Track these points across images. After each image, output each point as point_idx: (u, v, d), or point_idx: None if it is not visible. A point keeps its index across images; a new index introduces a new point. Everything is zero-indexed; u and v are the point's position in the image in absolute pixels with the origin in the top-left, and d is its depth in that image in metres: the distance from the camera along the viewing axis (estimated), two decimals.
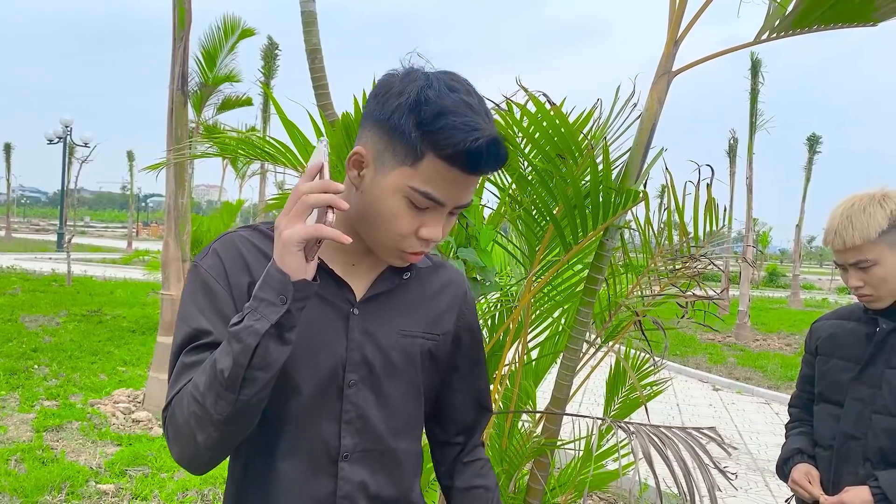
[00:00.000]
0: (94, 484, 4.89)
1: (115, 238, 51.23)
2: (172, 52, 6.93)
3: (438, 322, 1.36)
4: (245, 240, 1.27)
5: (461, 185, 1.16)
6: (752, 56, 15.27)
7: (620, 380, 2.74)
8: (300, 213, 1.07)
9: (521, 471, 2.68)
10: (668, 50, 2.40)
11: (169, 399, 1.18)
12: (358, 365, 1.26)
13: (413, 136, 1.12)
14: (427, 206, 1.16)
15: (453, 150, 1.10)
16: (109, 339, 10.33)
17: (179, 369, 1.18)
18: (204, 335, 1.19)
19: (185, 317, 1.22)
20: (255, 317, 1.07)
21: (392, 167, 1.15)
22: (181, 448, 1.17)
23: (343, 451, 1.26)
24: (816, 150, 23.85)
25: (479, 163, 1.13)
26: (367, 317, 1.28)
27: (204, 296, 1.22)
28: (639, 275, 2.61)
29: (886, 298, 1.97)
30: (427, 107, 1.11)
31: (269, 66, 17.20)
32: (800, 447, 2.15)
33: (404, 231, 1.17)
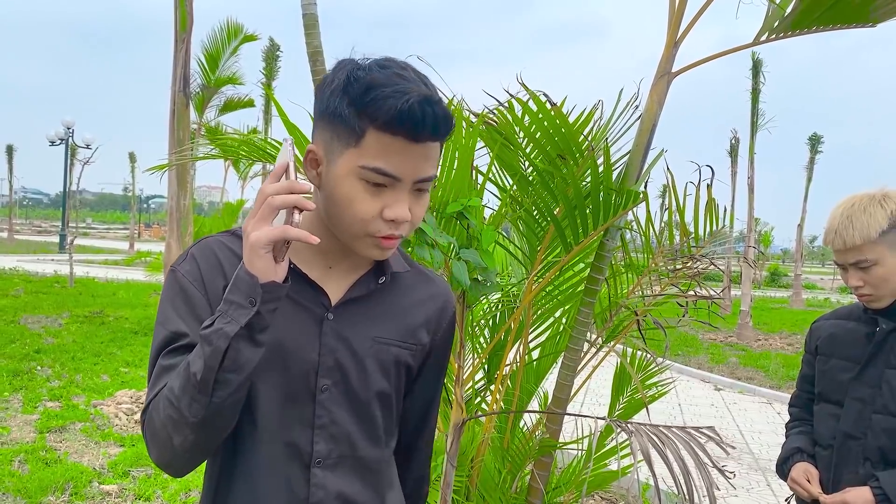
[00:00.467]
0: (98, 485, 4.90)
1: (117, 239, 51.29)
2: (174, 54, 6.95)
3: (414, 333, 1.34)
4: (222, 244, 1.27)
5: (411, 155, 1.13)
6: (753, 56, 15.27)
7: (626, 380, 2.75)
8: (266, 216, 1.07)
9: (523, 470, 2.69)
10: (668, 52, 2.41)
11: (147, 402, 1.18)
12: (331, 370, 1.25)
13: (349, 116, 1.12)
14: (383, 182, 1.13)
15: (387, 117, 1.09)
16: (112, 340, 10.34)
17: (157, 372, 1.18)
18: (181, 338, 1.19)
19: (163, 321, 1.22)
20: (226, 320, 1.07)
21: (340, 153, 1.15)
22: (159, 451, 1.17)
23: (316, 457, 1.25)
24: (818, 149, 23.85)
25: (418, 124, 1.10)
26: (341, 322, 1.26)
27: (181, 300, 1.22)
28: (639, 275, 2.62)
29: (886, 298, 1.97)
30: (357, 83, 1.11)
31: (270, 67, 17.21)
32: (799, 446, 2.15)
33: (366, 214, 1.15)
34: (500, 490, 2.61)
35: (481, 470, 2.68)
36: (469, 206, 2.19)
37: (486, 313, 3.02)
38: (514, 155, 2.37)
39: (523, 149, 2.28)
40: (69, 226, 35.57)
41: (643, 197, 2.35)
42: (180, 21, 7.23)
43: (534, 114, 2.15)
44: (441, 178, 2.24)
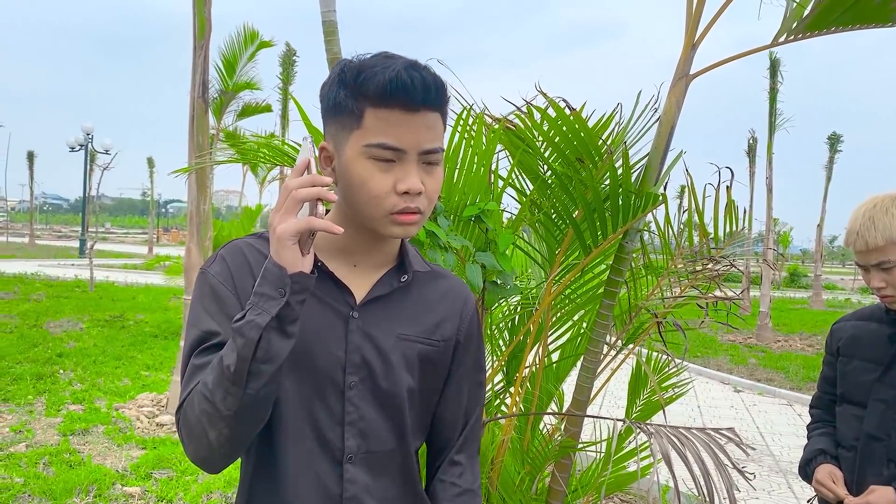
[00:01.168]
0: (120, 486, 4.96)
1: (135, 244, 51.73)
2: (193, 60, 7.01)
3: (438, 329, 1.36)
4: (250, 246, 1.30)
5: (410, 126, 1.18)
6: (770, 55, 15.16)
7: (642, 382, 2.75)
8: (291, 208, 1.10)
9: (542, 472, 2.70)
10: (686, 54, 2.42)
11: (181, 400, 1.21)
12: (358, 367, 1.28)
13: (347, 101, 1.19)
14: (390, 157, 1.18)
15: (378, 90, 1.15)
16: (132, 343, 10.45)
17: (190, 371, 1.21)
18: (213, 336, 1.22)
19: (195, 321, 1.25)
20: (256, 311, 1.11)
21: (346, 140, 1.21)
22: (195, 447, 1.19)
23: (347, 452, 1.28)
24: (837, 148, 23.60)
25: (408, 90, 1.16)
26: (366, 320, 1.30)
27: (212, 300, 1.25)
28: (659, 277, 2.63)
29: None
30: (349, 71, 1.19)
31: (287, 72, 17.32)
32: (822, 448, 2.14)
33: (379, 191, 1.19)
34: (520, 491, 2.62)
35: (501, 471, 2.69)
36: (486, 209, 2.21)
37: (505, 316, 3.03)
38: (532, 159, 2.38)
39: (541, 153, 2.29)
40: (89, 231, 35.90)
41: (662, 199, 2.35)
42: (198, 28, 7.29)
43: (552, 119, 2.16)
44: (458, 181, 2.26)
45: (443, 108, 1.24)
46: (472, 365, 1.45)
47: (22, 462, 5.30)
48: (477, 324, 1.45)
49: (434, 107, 1.21)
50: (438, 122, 1.23)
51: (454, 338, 1.39)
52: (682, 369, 2.71)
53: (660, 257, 2.78)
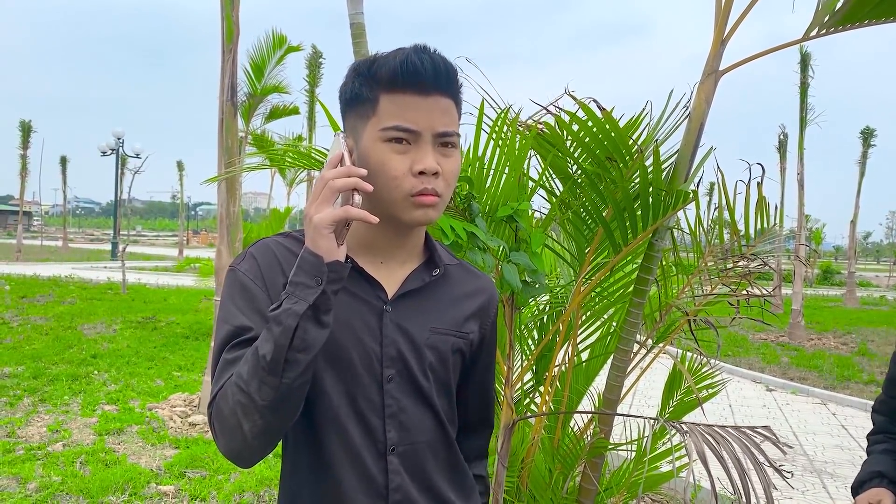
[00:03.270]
0: (155, 485, 5.04)
1: (166, 246, 52.40)
2: (221, 64, 7.08)
3: (466, 323, 1.40)
4: (279, 244, 1.33)
5: (423, 108, 1.22)
6: (801, 50, 14.94)
7: (677, 382, 2.73)
8: (328, 198, 1.13)
9: (573, 471, 2.69)
10: (715, 50, 2.40)
11: (213, 395, 1.22)
12: (394, 360, 1.30)
13: (362, 90, 1.24)
14: (405, 138, 1.22)
15: (390, 74, 1.20)
16: (164, 344, 10.59)
17: (222, 366, 1.23)
18: (244, 332, 1.24)
19: (226, 317, 1.27)
20: (293, 300, 1.12)
21: (363, 129, 1.24)
22: (228, 440, 1.20)
23: (390, 444, 1.30)
24: (871, 143, 23.17)
25: (418, 72, 1.20)
26: (399, 314, 1.32)
27: (242, 297, 1.27)
28: (689, 275, 2.61)
29: None
30: (364, 64, 1.25)
31: (313, 74, 17.43)
32: (881, 470, 1.90)
33: (397, 171, 1.22)
34: (552, 490, 2.62)
35: (531, 470, 2.69)
36: (519, 209, 2.21)
37: (535, 315, 3.03)
38: (562, 159, 2.37)
39: (571, 153, 2.29)
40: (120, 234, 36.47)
41: (692, 196, 2.33)
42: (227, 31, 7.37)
43: (582, 121, 2.16)
44: (492, 184, 2.27)
45: (455, 94, 1.27)
46: (490, 360, 1.52)
47: (59, 461, 5.40)
48: (496, 322, 1.50)
49: (446, 91, 1.24)
50: (452, 108, 1.27)
51: (479, 333, 1.43)
52: (719, 371, 2.68)
53: (690, 255, 2.76)
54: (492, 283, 1.50)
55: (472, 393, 1.49)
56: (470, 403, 1.49)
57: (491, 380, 1.54)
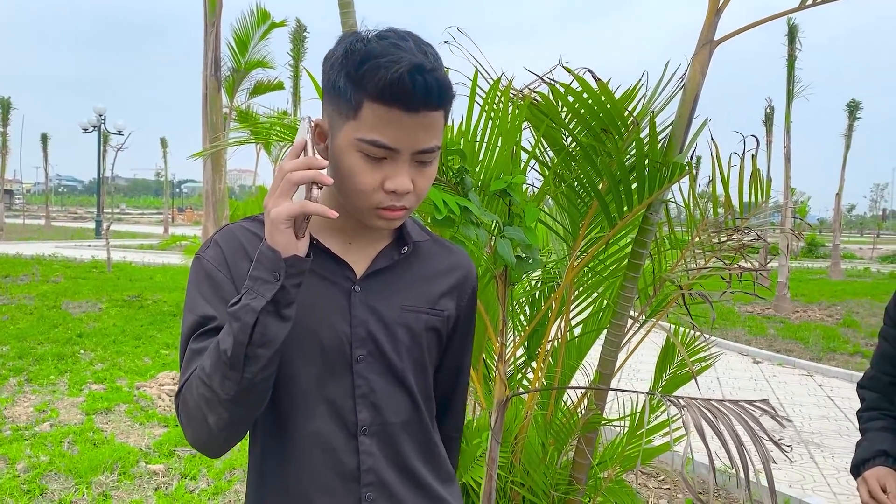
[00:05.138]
0: (145, 464, 5.02)
1: (150, 224, 52.05)
2: (204, 38, 6.98)
3: (441, 300, 1.36)
4: (244, 230, 1.29)
5: (408, 126, 1.14)
6: (788, 22, 14.90)
7: (670, 356, 2.72)
8: (286, 191, 1.09)
9: (566, 446, 2.69)
10: (710, 20, 2.36)
11: (180, 385, 1.20)
12: (364, 340, 1.28)
13: (346, 88, 1.14)
14: (382, 155, 1.15)
15: (378, 88, 1.10)
16: (151, 323, 10.53)
17: (188, 357, 1.21)
18: (209, 321, 1.21)
19: (191, 306, 1.24)
20: (252, 295, 1.10)
21: (340, 126, 1.17)
22: (194, 431, 1.19)
23: (361, 425, 1.28)
24: (856, 116, 23.24)
25: (409, 94, 1.11)
26: (369, 293, 1.29)
27: (207, 285, 1.24)
28: (683, 249, 2.59)
29: None
30: (353, 56, 1.13)
31: (297, 49, 17.24)
32: (885, 449, 1.84)
33: (367, 187, 1.16)
34: (545, 465, 2.62)
35: (525, 446, 2.68)
36: (513, 183, 2.18)
37: (527, 291, 3.01)
38: (557, 131, 2.34)
39: (566, 124, 2.25)
40: (104, 212, 36.15)
41: (688, 169, 2.31)
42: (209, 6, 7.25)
43: (577, 92, 2.12)
44: (485, 157, 2.23)
45: (445, 106, 1.19)
46: (467, 334, 1.48)
47: (47, 441, 5.37)
48: (475, 298, 1.46)
49: (436, 107, 1.16)
50: (439, 121, 1.18)
51: (455, 311, 1.40)
52: (711, 344, 2.68)
53: (683, 229, 2.74)
54: (468, 257, 1.46)
55: (441, 378, 1.45)
56: (442, 384, 1.46)
57: (467, 364, 1.51)
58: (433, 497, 1.36)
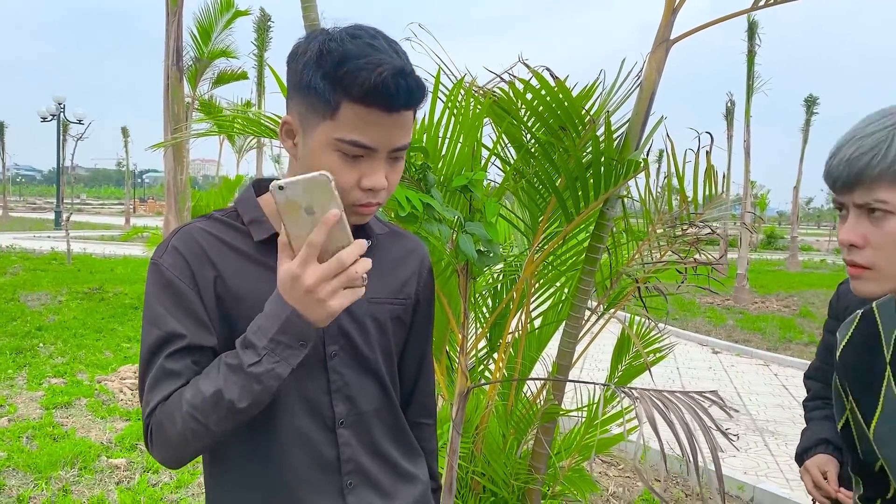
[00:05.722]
0: (106, 458, 4.97)
1: (112, 215, 51.13)
2: (166, 28, 6.89)
3: (403, 288, 1.41)
4: (203, 232, 1.27)
5: (386, 126, 1.16)
6: (748, 18, 15.13)
7: (626, 347, 2.79)
8: (347, 283, 1.10)
9: (526, 436, 2.74)
10: (666, 19, 2.41)
11: (152, 405, 1.20)
12: (336, 336, 1.31)
13: (324, 88, 1.14)
14: (359, 154, 1.17)
15: (362, 90, 1.12)
16: (113, 315, 10.39)
17: (158, 376, 1.20)
18: (177, 339, 1.21)
19: (153, 319, 1.23)
20: (275, 359, 1.12)
21: (315, 125, 1.17)
22: (168, 454, 1.21)
23: (338, 418, 1.31)
24: (814, 111, 23.73)
25: (392, 97, 1.13)
26: None
27: (170, 296, 1.23)
28: (639, 242, 2.65)
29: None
30: (330, 56, 1.13)
31: (262, 38, 17.06)
32: (826, 437, 1.89)
33: (344, 185, 1.18)
34: (506, 455, 2.67)
35: (486, 436, 2.73)
36: (474, 179, 2.21)
37: (490, 284, 3.05)
38: (516, 128, 2.38)
39: (525, 122, 2.29)
40: (64, 202, 35.44)
41: (644, 165, 2.36)
42: None
43: (535, 89, 2.16)
44: (447, 153, 2.26)
45: (419, 104, 1.21)
46: (428, 319, 1.51)
47: (5, 437, 5.29)
48: (433, 279, 1.50)
49: (412, 107, 1.19)
50: (411, 118, 1.21)
51: (415, 296, 1.44)
52: (665, 335, 2.75)
53: (641, 223, 2.80)
54: (418, 240, 1.50)
55: (407, 362, 1.49)
56: (408, 369, 1.50)
57: (429, 350, 1.55)
58: (402, 474, 1.41)
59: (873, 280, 1.16)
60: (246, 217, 1.29)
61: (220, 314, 1.24)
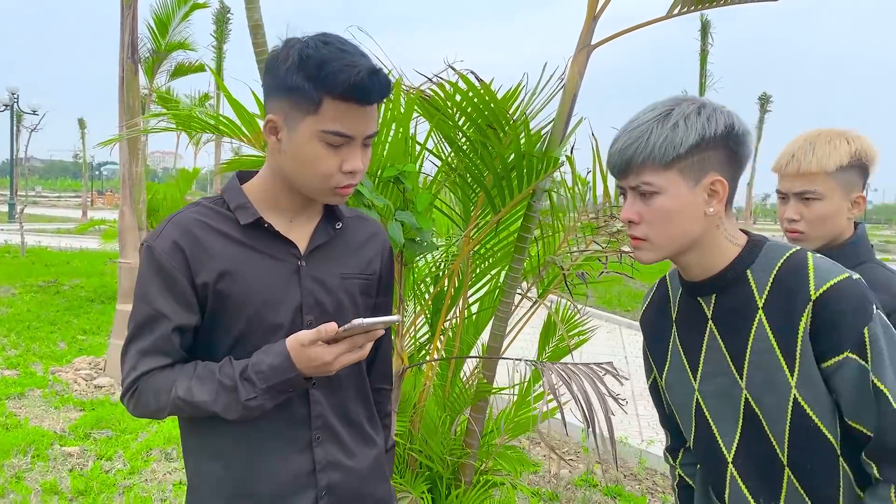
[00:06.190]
0: (59, 447, 5.03)
1: (68, 208, 50.13)
2: (121, 20, 6.90)
3: (369, 265, 1.61)
4: (197, 222, 1.47)
5: (361, 117, 1.39)
6: (702, 18, 15.56)
7: (552, 330, 2.98)
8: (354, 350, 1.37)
9: (461, 415, 2.92)
10: (587, 26, 2.60)
11: (137, 374, 1.44)
12: (312, 307, 1.50)
13: (308, 88, 1.35)
14: (340, 142, 1.38)
15: (343, 88, 1.34)
16: (68, 308, 10.34)
17: (146, 348, 1.44)
18: (164, 318, 1.42)
19: (144, 296, 1.45)
20: (266, 397, 1.39)
21: (300, 120, 1.38)
22: (142, 414, 1.47)
23: (311, 380, 1.49)
24: (767, 108, 24.35)
25: (368, 92, 1.36)
26: (313, 266, 1.52)
27: (163, 280, 1.43)
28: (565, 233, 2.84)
29: (816, 242, 1.86)
30: (310, 61, 1.35)
31: (220, 30, 17.00)
32: None
33: (329, 170, 1.39)
34: (440, 433, 2.84)
35: (423, 415, 2.90)
36: (405, 171, 2.38)
37: (431, 272, 3.21)
38: (449, 126, 2.54)
39: (456, 121, 2.46)
40: (18, 194, 34.73)
41: (566, 161, 2.55)
42: None
43: (464, 92, 2.33)
44: (379, 146, 2.42)
45: (386, 97, 1.46)
46: (389, 292, 1.72)
47: None
48: (392, 259, 1.72)
49: (381, 100, 1.43)
50: (377, 110, 1.45)
51: (379, 272, 1.65)
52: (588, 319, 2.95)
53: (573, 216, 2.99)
54: (380, 224, 1.73)
55: None
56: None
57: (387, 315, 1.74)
58: (363, 434, 1.61)
59: (648, 249, 1.40)
60: (232, 203, 1.49)
61: (213, 292, 1.44)
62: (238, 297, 1.44)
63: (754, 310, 1.36)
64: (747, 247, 1.41)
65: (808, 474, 1.35)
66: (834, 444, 1.34)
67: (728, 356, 1.39)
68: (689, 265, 1.43)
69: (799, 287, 1.31)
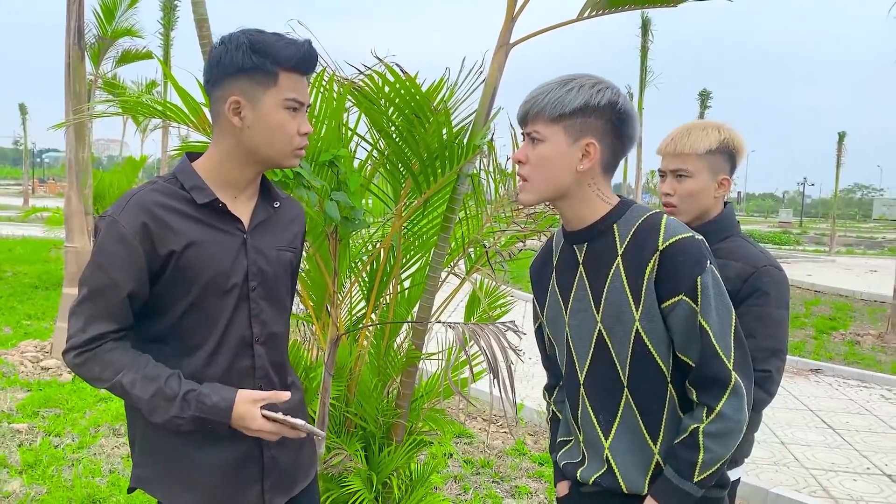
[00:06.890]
0: (7, 424, 5.16)
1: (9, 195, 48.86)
2: (68, 5, 6.96)
3: (295, 240, 1.92)
4: (158, 204, 1.68)
5: (305, 86, 1.72)
6: (642, 16, 16.04)
7: (476, 304, 3.27)
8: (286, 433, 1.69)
9: (394, 380, 3.19)
10: (506, 25, 2.87)
11: (86, 338, 1.64)
12: (256, 274, 1.77)
13: (267, 64, 1.64)
14: (296, 107, 1.68)
15: (294, 60, 1.65)
16: (12, 294, 10.31)
17: (97, 313, 1.64)
18: (117, 288, 1.62)
19: (101, 266, 1.65)
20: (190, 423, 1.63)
21: (262, 94, 1.66)
22: (85, 379, 1.68)
23: (255, 337, 1.79)
24: (707, 104, 25.10)
25: (311, 63, 1.70)
26: (255, 240, 1.78)
27: (124, 251, 1.64)
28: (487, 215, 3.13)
29: (686, 215, 2.14)
30: (261, 44, 1.64)
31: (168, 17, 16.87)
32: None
33: (293, 132, 1.69)
34: (374, 397, 3.11)
35: (359, 380, 3.16)
36: (338, 155, 2.63)
37: (368, 250, 3.47)
38: (379, 115, 2.80)
39: (385, 110, 2.71)
40: None
41: (487, 148, 2.83)
42: None
43: (391, 83, 2.58)
44: (315, 132, 2.66)
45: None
46: (299, 263, 2.07)
47: None
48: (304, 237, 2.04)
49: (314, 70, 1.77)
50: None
51: (300, 247, 1.96)
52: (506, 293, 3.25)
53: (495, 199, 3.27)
54: (301, 206, 2.03)
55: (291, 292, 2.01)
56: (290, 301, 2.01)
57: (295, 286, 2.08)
58: (291, 383, 1.94)
59: (528, 191, 1.70)
60: (187, 184, 1.72)
61: (175, 262, 1.66)
62: (197, 266, 1.67)
63: (614, 256, 1.66)
64: (617, 206, 1.72)
65: (641, 395, 1.67)
66: (665, 371, 1.65)
67: (590, 294, 1.70)
68: (566, 216, 1.73)
69: (651, 240, 1.62)
